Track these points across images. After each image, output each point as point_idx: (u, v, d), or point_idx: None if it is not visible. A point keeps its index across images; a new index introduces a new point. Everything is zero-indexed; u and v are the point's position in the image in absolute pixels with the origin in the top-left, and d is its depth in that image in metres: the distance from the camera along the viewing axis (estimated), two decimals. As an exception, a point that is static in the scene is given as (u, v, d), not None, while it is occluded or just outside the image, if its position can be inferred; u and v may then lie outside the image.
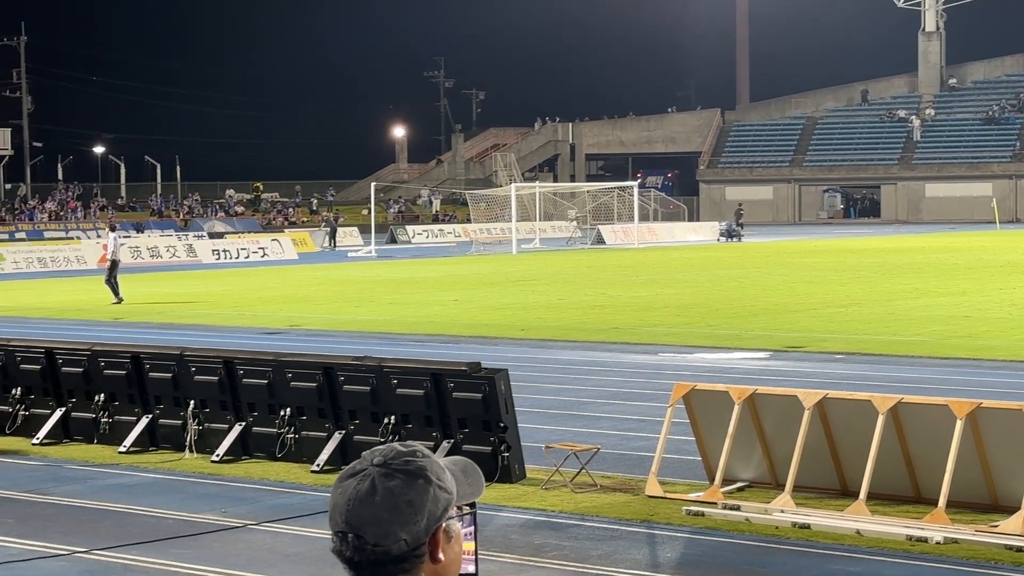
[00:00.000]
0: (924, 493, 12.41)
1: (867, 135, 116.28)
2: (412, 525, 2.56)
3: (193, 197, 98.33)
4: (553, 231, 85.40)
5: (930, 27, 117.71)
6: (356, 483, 2.58)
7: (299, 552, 11.41)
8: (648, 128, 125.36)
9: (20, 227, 79.54)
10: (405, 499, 2.56)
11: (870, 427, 12.29)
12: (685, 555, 11.27)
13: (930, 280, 40.37)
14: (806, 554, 11.16)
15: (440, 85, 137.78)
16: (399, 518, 2.55)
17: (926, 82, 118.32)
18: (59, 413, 16.67)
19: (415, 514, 2.56)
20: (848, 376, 20.71)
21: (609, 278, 44.90)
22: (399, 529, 2.54)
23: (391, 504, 2.55)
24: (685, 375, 20.15)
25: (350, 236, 79.40)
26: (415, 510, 2.56)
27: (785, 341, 25.44)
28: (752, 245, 70.87)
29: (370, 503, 2.55)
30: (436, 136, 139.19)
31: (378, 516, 2.54)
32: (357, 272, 51.51)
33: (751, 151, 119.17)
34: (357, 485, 2.57)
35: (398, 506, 2.55)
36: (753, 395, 13.25)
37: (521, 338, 27.03)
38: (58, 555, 11.46)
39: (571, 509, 12.68)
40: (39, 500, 13.58)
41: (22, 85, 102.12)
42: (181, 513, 12.87)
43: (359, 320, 31.32)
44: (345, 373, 14.95)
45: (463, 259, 61.33)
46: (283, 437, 15.20)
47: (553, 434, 15.87)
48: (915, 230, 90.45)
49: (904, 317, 29.48)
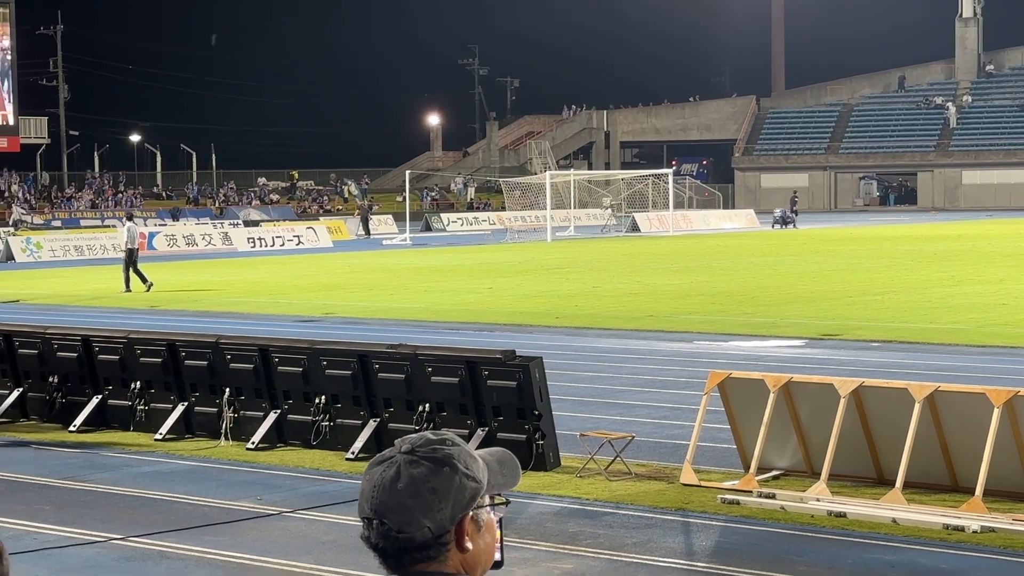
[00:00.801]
0: (961, 482, 12.35)
1: (903, 122, 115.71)
2: (436, 512, 2.56)
3: (228, 185, 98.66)
4: (588, 219, 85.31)
5: (967, 13, 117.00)
6: (383, 470, 2.59)
7: (334, 539, 11.43)
8: (683, 115, 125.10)
9: (57, 215, 79.97)
10: (429, 487, 2.56)
11: (906, 415, 12.24)
12: (720, 543, 11.25)
13: (967, 268, 40.16)
14: (842, 543, 11.12)
15: (475, 73, 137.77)
16: (422, 505, 2.55)
17: (963, 68, 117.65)
18: (96, 401, 16.75)
19: (439, 502, 2.56)
20: (884, 364, 20.62)
21: (644, 266, 44.84)
22: (422, 516, 2.55)
23: (414, 491, 2.55)
24: (720, 363, 20.10)
25: (384, 224, 79.49)
26: (439, 498, 2.56)
27: (821, 329, 25.35)
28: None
29: (394, 489, 2.56)
30: (471, 124, 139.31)
31: (402, 503, 2.55)
32: (392, 260, 51.58)
33: (786, 138, 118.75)
34: (383, 472, 2.59)
35: (421, 493, 2.55)
36: (789, 383, 13.21)
37: (556, 326, 27.01)
38: (95, 542, 11.52)
39: (606, 497, 12.67)
40: (76, 487, 13.65)
41: (59, 74, 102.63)
42: (217, 500, 12.92)
43: (394, 308, 31.36)
44: (380, 361, 14.97)
45: (498, 247, 61.33)
46: (318, 425, 15.23)
47: (588, 422, 15.86)
48: (952, 217, 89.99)
49: (941, 305, 29.33)
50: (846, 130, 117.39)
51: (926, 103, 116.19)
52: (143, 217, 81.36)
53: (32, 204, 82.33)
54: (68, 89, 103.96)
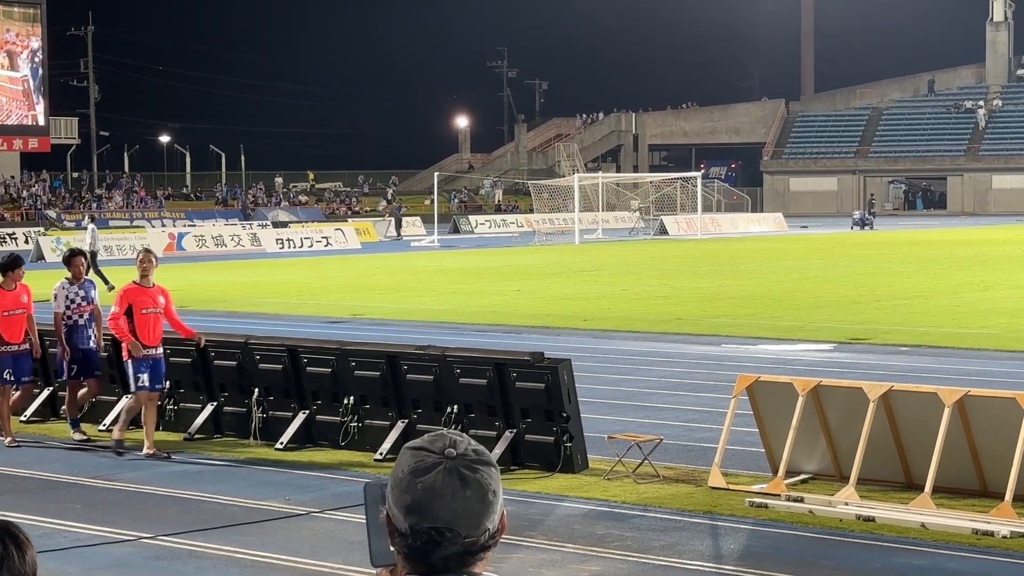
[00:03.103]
0: (990, 487, 12.31)
1: (933, 126, 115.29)
2: (494, 514, 2.58)
3: (257, 186, 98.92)
4: (616, 222, 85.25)
5: (998, 17, 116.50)
6: (441, 479, 2.56)
7: (362, 540, 11.44)
8: (712, 118, 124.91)
9: (87, 215, 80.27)
10: (492, 490, 2.57)
11: (936, 420, 12.20)
12: (748, 547, 11.24)
13: (997, 272, 40.00)
14: (870, 547, 11.10)
15: (503, 75, 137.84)
16: (487, 508, 2.57)
17: (993, 73, 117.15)
18: (125, 400, 16.80)
19: (496, 502, 2.58)
20: (913, 369, 20.57)
21: (672, 269, 44.79)
22: (486, 520, 2.57)
23: (481, 496, 2.56)
24: (748, 366, 20.07)
25: (412, 226, 79.60)
26: (497, 499, 2.58)
27: (850, 333, 25.29)
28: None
29: (462, 497, 2.55)
30: (499, 126, 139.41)
31: (471, 509, 2.55)
32: (420, 262, 51.64)
33: (816, 142, 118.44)
34: (444, 480, 2.56)
35: (487, 497, 2.57)
36: (817, 387, 13.19)
37: (584, 328, 27.01)
38: (125, 540, 11.57)
39: (634, 500, 12.67)
40: (106, 486, 13.72)
41: (89, 75, 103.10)
42: (246, 500, 12.97)
43: (422, 309, 31.40)
44: (408, 362, 15.00)
45: (526, 249, 61.34)
46: (346, 425, 15.27)
47: (616, 424, 15.86)
48: (982, 222, 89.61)
49: (970, 310, 29.23)
50: (875, 134, 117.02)
51: (956, 107, 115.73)
52: (172, 218, 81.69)
53: (63, 204, 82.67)
54: (98, 90, 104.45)
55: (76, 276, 16.19)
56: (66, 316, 16.01)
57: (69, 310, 16.03)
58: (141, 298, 15.16)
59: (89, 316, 16.15)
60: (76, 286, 16.16)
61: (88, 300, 16.18)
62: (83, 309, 16.11)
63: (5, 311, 15.78)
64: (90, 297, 16.23)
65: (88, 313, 16.14)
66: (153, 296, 15.25)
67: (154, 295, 15.27)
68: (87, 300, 16.17)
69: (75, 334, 16.02)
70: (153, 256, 15.70)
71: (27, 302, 16.02)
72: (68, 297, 16.05)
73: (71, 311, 16.04)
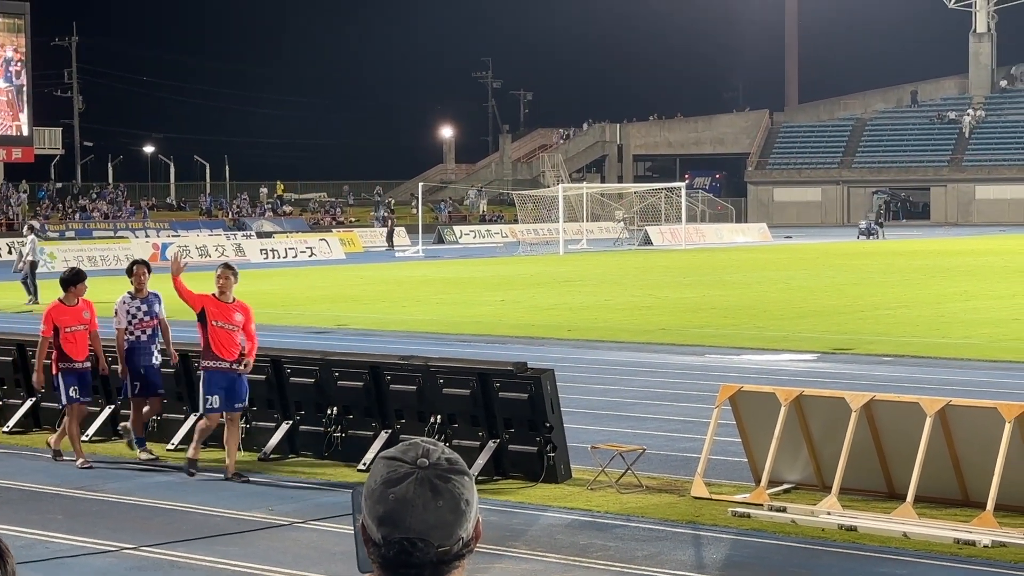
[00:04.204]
0: (972, 496, 12.34)
1: (917, 137, 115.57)
2: (468, 523, 2.58)
3: (242, 197, 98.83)
4: (600, 232, 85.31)
5: (981, 28, 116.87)
6: (412, 489, 2.56)
7: (345, 550, 11.44)
8: (696, 129, 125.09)
9: (71, 226, 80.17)
10: (464, 500, 2.57)
11: (918, 430, 12.23)
12: (731, 556, 11.25)
13: (980, 283, 40.11)
14: (853, 556, 11.12)
15: (488, 85, 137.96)
16: (460, 518, 2.57)
17: (976, 83, 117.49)
18: (108, 411, 16.79)
19: (470, 511, 2.58)
20: (896, 379, 20.62)
21: (656, 279, 44.84)
22: (459, 529, 2.57)
23: (453, 506, 2.56)
24: (732, 376, 20.10)
25: (397, 236, 79.59)
26: (470, 508, 2.58)
27: (833, 343, 25.34)
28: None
29: (434, 507, 2.55)
30: (484, 136, 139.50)
31: (443, 519, 2.55)
32: (404, 272, 51.63)
33: (800, 152, 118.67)
34: (415, 490, 2.56)
35: (459, 507, 2.57)
36: (800, 397, 13.22)
37: (568, 339, 27.03)
38: (107, 551, 11.55)
39: (617, 509, 12.68)
40: (88, 496, 13.69)
41: (73, 85, 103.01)
42: (228, 510, 12.95)
43: (406, 320, 31.39)
44: (392, 372, 15.00)
45: (510, 259, 61.36)
46: (330, 436, 15.26)
47: (599, 434, 15.87)
48: (965, 232, 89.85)
49: (953, 320, 29.30)
50: (859, 145, 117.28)
51: (939, 118, 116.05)
52: (156, 228, 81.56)
53: (46, 215, 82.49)
54: (83, 100, 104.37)
55: (138, 289, 15.33)
56: (127, 332, 15.14)
57: (131, 325, 15.17)
58: (219, 313, 14.36)
59: (152, 332, 15.29)
60: (139, 300, 15.32)
61: (152, 315, 15.29)
62: (146, 324, 15.25)
63: (67, 327, 15.08)
64: (154, 312, 15.33)
65: (152, 329, 15.29)
66: (231, 312, 14.41)
67: (232, 311, 14.42)
68: (150, 315, 15.29)
69: (137, 351, 15.16)
70: (232, 272, 14.65)
71: (90, 318, 15.23)
72: (130, 312, 15.20)
73: (133, 326, 15.18)
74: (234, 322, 14.39)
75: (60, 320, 15.18)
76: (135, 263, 15.77)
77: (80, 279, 15.47)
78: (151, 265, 16.10)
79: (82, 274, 15.63)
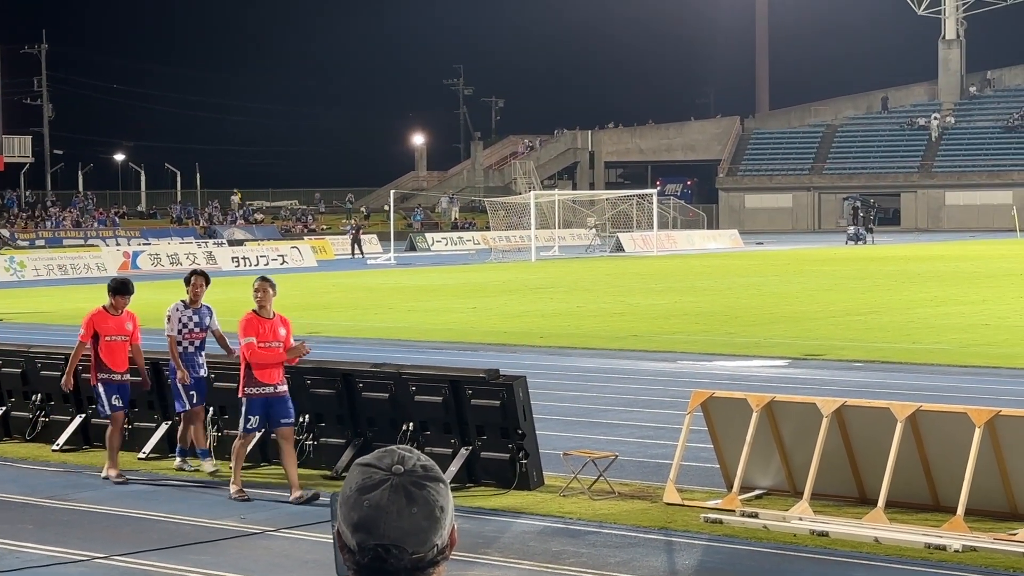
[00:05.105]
0: (943, 501, 12.39)
1: (887, 143, 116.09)
2: (443, 530, 2.59)
3: (213, 204, 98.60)
4: (572, 239, 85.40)
5: (950, 35, 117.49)
6: (387, 496, 2.57)
7: (317, 558, 11.43)
8: (667, 136, 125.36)
9: (40, 234, 79.85)
10: (439, 506, 2.58)
11: (888, 435, 12.28)
12: (703, 562, 11.27)
13: (950, 288, 40.28)
14: (824, 562, 11.15)
15: (459, 93, 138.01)
16: (434, 525, 2.57)
17: (946, 90, 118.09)
18: (79, 420, 16.72)
19: (445, 518, 2.58)
20: (867, 384, 20.68)
21: (628, 286, 44.89)
22: (434, 536, 2.57)
23: (428, 513, 2.56)
24: (703, 382, 20.13)
25: (369, 244, 79.52)
26: (445, 515, 2.59)
27: (804, 349, 25.41)
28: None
29: (408, 514, 2.55)
30: (455, 144, 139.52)
31: (418, 526, 2.55)
32: (376, 280, 51.58)
33: (770, 159, 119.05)
34: (390, 497, 2.56)
35: (433, 513, 2.57)
36: (771, 403, 13.25)
37: (540, 345, 27.04)
38: (78, 561, 11.50)
39: (589, 516, 12.68)
40: (59, 506, 13.63)
41: (43, 93, 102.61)
42: (200, 519, 12.91)
43: (378, 327, 31.35)
44: (364, 380, 14.99)
45: (482, 267, 61.36)
46: (302, 444, 15.23)
47: (571, 441, 15.88)
48: (935, 238, 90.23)
49: (923, 325, 29.42)
50: (830, 151, 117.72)
51: (910, 124, 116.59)
52: (127, 237, 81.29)
53: (15, 223, 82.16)
54: (52, 108, 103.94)
55: (193, 299, 15.08)
56: (176, 342, 14.91)
57: (180, 335, 14.94)
58: (262, 330, 13.58)
59: (200, 344, 15.07)
60: (191, 310, 15.06)
61: (201, 327, 15.06)
62: (195, 336, 15.03)
63: (108, 335, 14.74)
64: (204, 324, 15.09)
65: (200, 340, 15.07)
66: (274, 328, 13.64)
67: (275, 327, 13.65)
68: (200, 327, 15.06)
69: (183, 362, 14.91)
70: (270, 284, 13.88)
71: (132, 330, 14.93)
72: (181, 321, 14.95)
73: (182, 335, 14.95)
74: (279, 338, 13.62)
75: (102, 327, 14.76)
76: (194, 273, 15.43)
77: (127, 290, 14.99)
78: (208, 276, 15.73)
79: (131, 286, 15.14)
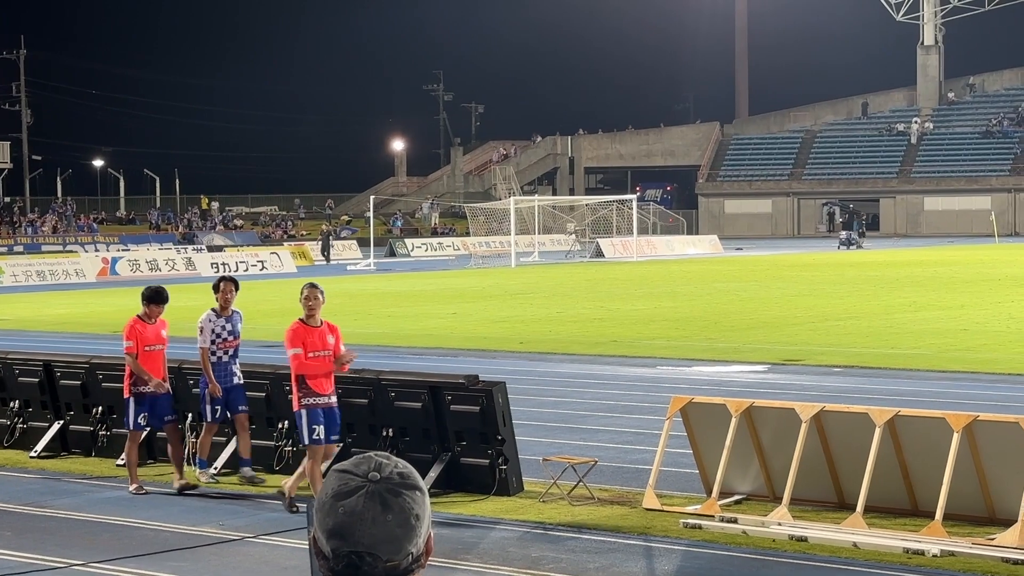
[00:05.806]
0: (921, 506, 12.42)
1: (866, 149, 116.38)
2: (418, 538, 2.57)
3: (192, 210, 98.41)
4: (552, 244, 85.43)
5: (929, 41, 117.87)
6: (363, 502, 2.55)
7: (295, 565, 11.41)
8: (647, 141, 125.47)
9: (19, 240, 79.60)
10: (414, 514, 2.56)
11: (867, 440, 12.30)
12: (682, 568, 11.28)
13: (928, 293, 40.39)
14: (803, 567, 11.16)
15: (439, 98, 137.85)
16: (409, 533, 2.56)
17: (925, 96, 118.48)
18: (57, 426, 16.67)
19: (420, 526, 2.57)
20: (846, 389, 20.72)
21: (608, 291, 44.91)
22: (408, 544, 2.56)
23: (403, 520, 2.55)
24: (683, 388, 20.15)
25: (349, 249, 79.39)
26: (421, 523, 2.57)
27: (783, 354, 25.45)
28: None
29: (383, 521, 2.54)
30: (435, 149, 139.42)
31: (392, 533, 2.54)
32: (356, 285, 51.51)
33: (750, 164, 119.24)
34: (365, 504, 2.55)
35: (408, 521, 2.56)
36: (750, 408, 13.26)
37: (519, 351, 27.03)
38: (56, 568, 11.46)
39: (568, 522, 12.68)
40: (37, 513, 13.58)
41: (21, 99, 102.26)
42: (178, 526, 12.87)
43: (357, 333, 31.27)
44: (343, 386, 14.93)
45: (462, 272, 61.34)
46: (280, 450, 15.20)
47: (551, 447, 15.87)
48: (914, 243, 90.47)
49: (902, 330, 29.48)
50: (809, 156, 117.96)
51: (888, 130, 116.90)
52: (106, 243, 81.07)
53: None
54: (31, 114, 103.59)
55: (223, 306, 14.79)
56: (210, 352, 14.62)
57: (214, 344, 14.62)
58: (309, 340, 13.25)
59: (234, 352, 14.80)
60: (223, 318, 14.75)
61: (235, 334, 14.80)
62: (228, 344, 14.73)
63: (146, 345, 14.29)
64: (236, 331, 14.85)
65: (234, 348, 14.80)
66: (322, 337, 13.32)
67: (323, 336, 13.32)
68: (233, 334, 14.79)
69: (217, 371, 14.62)
70: (319, 292, 13.62)
71: (165, 337, 14.63)
72: (214, 331, 14.63)
73: (216, 345, 14.64)
74: (327, 347, 13.27)
75: (140, 338, 14.39)
76: (223, 279, 15.14)
77: (162, 299, 14.57)
78: (238, 281, 15.44)
79: (165, 294, 14.68)
